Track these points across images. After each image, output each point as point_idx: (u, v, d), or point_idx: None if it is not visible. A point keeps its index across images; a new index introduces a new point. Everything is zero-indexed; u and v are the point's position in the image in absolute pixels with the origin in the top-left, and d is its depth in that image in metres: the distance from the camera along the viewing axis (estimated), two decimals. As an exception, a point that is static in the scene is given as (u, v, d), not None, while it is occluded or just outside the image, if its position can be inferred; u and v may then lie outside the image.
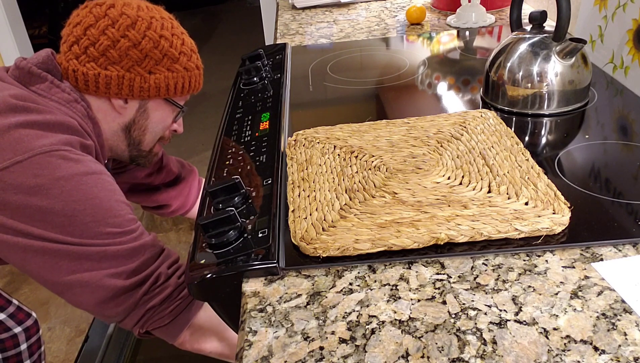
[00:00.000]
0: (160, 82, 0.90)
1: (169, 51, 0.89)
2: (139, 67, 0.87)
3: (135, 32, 0.86)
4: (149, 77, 0.89)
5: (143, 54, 0.87)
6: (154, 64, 0.88)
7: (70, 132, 0.82)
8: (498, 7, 1.61)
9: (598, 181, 0.76)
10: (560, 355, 0.51)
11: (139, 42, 0.86)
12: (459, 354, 0.53)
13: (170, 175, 1.26)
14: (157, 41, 0.87)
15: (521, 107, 0.97)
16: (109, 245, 0.77)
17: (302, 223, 0.70)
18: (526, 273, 0.61)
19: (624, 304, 0.56)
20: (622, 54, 1.05)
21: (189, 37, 0.96)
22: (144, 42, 0.86)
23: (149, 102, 0.93)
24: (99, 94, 0.88)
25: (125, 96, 0.89)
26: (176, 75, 0.91)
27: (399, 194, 0.73)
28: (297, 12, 1.82)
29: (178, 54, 0.91)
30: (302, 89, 1.20)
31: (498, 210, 0.68)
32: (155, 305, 0.82)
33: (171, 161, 1.26)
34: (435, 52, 1.37)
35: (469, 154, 0.81)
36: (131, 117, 0.93)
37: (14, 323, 1.09)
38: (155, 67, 0.89)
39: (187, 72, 0.93)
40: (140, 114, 0.93)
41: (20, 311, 1.11)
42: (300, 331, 0.57)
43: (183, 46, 0.92)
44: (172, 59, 0.90)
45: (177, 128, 1.03)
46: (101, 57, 0.86)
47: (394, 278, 0.63)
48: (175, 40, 0.90)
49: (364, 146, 0.87)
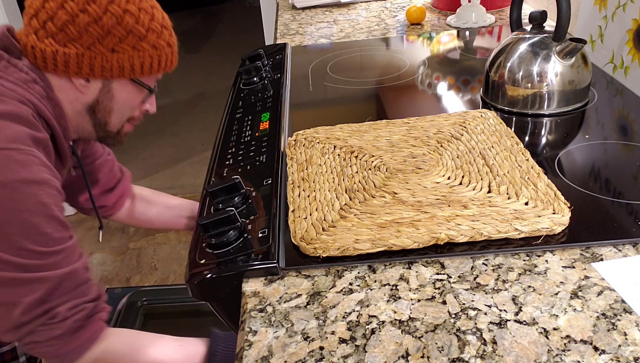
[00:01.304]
0: (124, 61, 0.83)
1: (134, 27, 0.81)
2: (100, 45, 0.80)
3: (96, 6, 0.79)
4: (112, 56, 0.81)
5: (104, 31, 0.79)
6: (117, 42, 0.81)
7: (21, 124, 0.76)
8: (498, 7, 1.61)
9: (598, 181, 0.76)
10: (560, 355, 0.51)
11: (99, 18, 0.79)
12: (459, 354, 0.53)
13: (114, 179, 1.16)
14: (120, 17, 0.80)
15: (521, 107, 0.97)
16: (25, 266, 0.72)
17: (302, 223, 0.70)
18: (526, 273, 0.61)
19: (624, 304, 0.56)
20: (622, 54, 1.05)
21: (161, 11, 0.87)
22: (105, 18, 0.79)
23: (113, 82, 0.86)
24: (58, 73, 0.82)
25: (86, 75, 0.82)
26: (143, 54, 0.83)
27: (399, 194, 0.73)
28: (297, 12, 1.82)
29: (145, 31, 0.82)
30: (302, 89, 1.20)
31: (498, 210, 0.68)
32: (38, 340, 0.76)
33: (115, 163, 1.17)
34: (435, 52, 1.37)
35: (469, 154, 0.81)
36: (94, 97, 0.86)
37: None
38: (119, 45, 0.81)
39: (156, 51, 0.85)
40: (104, 94, 0.86)
41: None
42: (300, 331, 0.57)
43: (152, 22, 0.84)
44: (138, 37, 0.82)
45: (149, 108, 0.95)
46: (59, 32, 0.79)
47: (394, 278, 0.63)
48: (142, 16, 0.82)
49: (364, 146, 0.87)
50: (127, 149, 3.08)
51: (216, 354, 0.84)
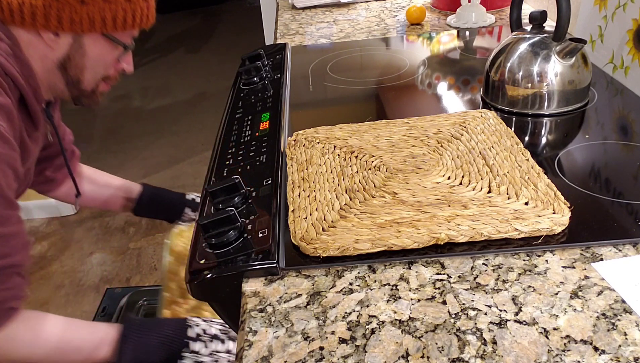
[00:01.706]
0: (94, 14, 0.79)
1: None
2: None
3: None
4: (81, 8, 0.78)
5: None
6: None
7: None
8: (498, 7, 1.61)
9: (598, 181, 0.76)
10: (560, 355, 0.51)
11: None
12: (459, 354, 0.53)
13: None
14: None
15: (521, 107, 0.97)
16: None
17: (302, 223, 0.70)
18: (526, 273, 0.61)
19: (624, 304, 0.56)
20: (622, 54, 1.05)
21: None
22: None
23: (84, 37, 0.82)
24: (25, 27, 0.78)
25: (55, 28, 0.78)
26: (115, 7, 0.80)
27: (399, 194, 0.73)
28: (297, 12, 1.82)
29: None
30: (302, 89, 1.20)
31: (498, 210, 0.68)
32: None
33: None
34: (435, 52, 1.37)
35: (469, 154, 0.81)
36: (64, 52, 0.83)
37: None
38: None
39: (129, 4, 0.81)
40: (75, 50, 0.83)
41: None
42: (300, 331, 0.57)
43: None
44: None
45: (125, 67, 0.91)
46: None
47: (394, 278, 0.63)
48: None
49: (364, 146, 0.87)
50: (127, 149, 3.09)
51: (128, 338, 0.83)
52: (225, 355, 0.87)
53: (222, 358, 0.87)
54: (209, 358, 0.86)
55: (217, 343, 0.87)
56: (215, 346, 0.87)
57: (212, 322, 0.90)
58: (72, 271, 2.28)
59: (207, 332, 0.88)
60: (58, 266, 2.31)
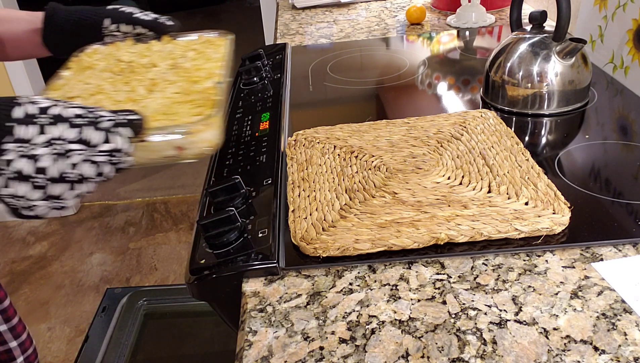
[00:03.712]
0: None
1: None
2: None
3: None
4: None
5: None
6: None
7: None
8: (498, 7, 1.61)
9: (598, 181, 0.76)
10: (560, 355, 0.51)
11: None
12: (459, 354, 0.53)
13: None
14: None
15: (521, 107, 0.97)
16: None
17: (302, 223, 0.70)
18: (526, 273, 0.61)
19: (624, 304, 0.56)
20: (622, 54, 1.05)
21: None
22: None
23: None
24: None
25: None
26: None
27: (399, 194, 0.73)
28: (297, 12, 1.82)
29: None
30: (302, 89, 1.20)
31: (498, 210, 0.68)
32: None
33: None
34: (435, 52, 1.37)
35: (469, 154, 0.81)
36: None
37: (11, 337, 1.07)
38: None
39: None
40: None
41: (20, 324, 1.09)
42: (300, 331, 0.57)
43: None
44: None
45: None
46: None
47: (394, 278, 0.63)
48: None
49: (364, 146, 0.87)
50: (127, 149, 3.08)
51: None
52: (78, 145, 0.56)
53: (74, 152, 0.56)
54: (47, 149, 0.55)
55: (64, 128, 0.56)
56: (61, 132, 0.56)
57: (69, 103, 0.60)
58: (72, 271, 2.28)
59: (49, 112, 0.57)
60: (58, 266, 2.31)
